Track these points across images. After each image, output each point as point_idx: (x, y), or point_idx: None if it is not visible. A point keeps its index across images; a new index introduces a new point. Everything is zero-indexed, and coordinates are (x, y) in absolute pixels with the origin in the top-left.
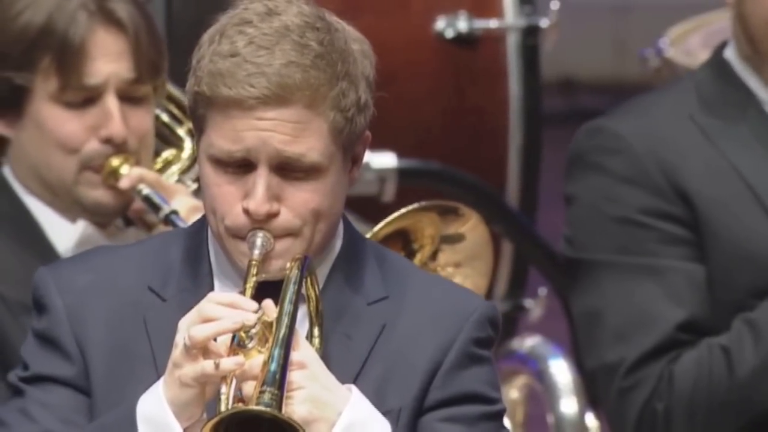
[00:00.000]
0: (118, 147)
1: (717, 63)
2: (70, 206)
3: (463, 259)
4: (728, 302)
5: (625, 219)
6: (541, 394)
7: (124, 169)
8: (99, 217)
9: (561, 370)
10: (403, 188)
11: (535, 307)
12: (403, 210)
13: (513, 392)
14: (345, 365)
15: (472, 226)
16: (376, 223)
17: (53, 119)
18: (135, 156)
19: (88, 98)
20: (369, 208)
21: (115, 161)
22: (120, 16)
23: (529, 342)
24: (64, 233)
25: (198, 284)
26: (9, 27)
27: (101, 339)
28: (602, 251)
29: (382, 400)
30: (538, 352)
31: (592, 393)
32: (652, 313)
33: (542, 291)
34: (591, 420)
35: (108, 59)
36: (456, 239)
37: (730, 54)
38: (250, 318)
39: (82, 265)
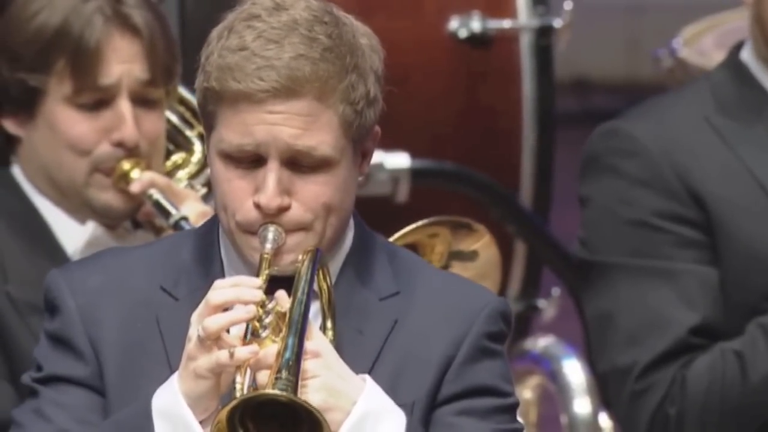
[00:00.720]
0: (130, 150)
1: (733, 64)
2: (80, 207)
3: (471, 277)
4: (742, 305)
5: (639, 222)
6: (555, 395)
7: (135, 173)
8: (108, 219)
9: (574, 370)
10: (417, 189)
11: (548, 307)
12: (413, 225)
13: (526, 392)
14: (357, 360)
15: (483, 245)
16: (389, 224)
17: (66, 121)
18: (146, 160)
19: (101, 100)
20: (382, 208)
21: (126, 165)
22: (136, 21)
23: (542, 342)
24: (73, 234)
25: (210, 283)
26: (24, 28)
27: (114, 339)
28: (616, 254)
29: (395, 395)
30: (551, 353)
31: (604, 395)
32: (665, 316)
33: (555, 291)
34: (604, 420)
35: (122, 60)
36: (467, 257)
37: (746, 55)
38: (257, 294)
39: (94, 267)
